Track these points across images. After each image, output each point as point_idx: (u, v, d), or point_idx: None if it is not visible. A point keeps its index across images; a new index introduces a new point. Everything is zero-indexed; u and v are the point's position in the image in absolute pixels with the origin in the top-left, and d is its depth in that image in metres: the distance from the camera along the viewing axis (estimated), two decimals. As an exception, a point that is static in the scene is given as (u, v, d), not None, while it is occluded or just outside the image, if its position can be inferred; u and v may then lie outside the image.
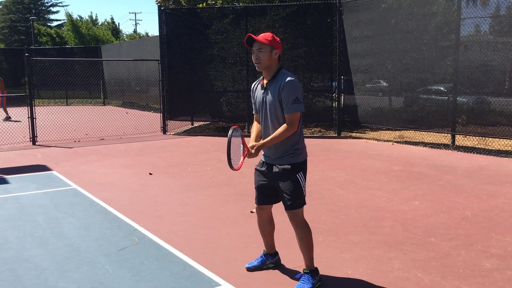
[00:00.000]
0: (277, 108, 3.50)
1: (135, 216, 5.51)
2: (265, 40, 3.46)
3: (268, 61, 3.49)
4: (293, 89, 3.43)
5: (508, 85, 9.46)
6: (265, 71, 3.55)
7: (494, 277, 3.72)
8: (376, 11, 11.60)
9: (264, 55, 3.47)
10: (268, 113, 3.56)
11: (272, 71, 3.55)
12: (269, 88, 3.55)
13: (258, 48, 3.48)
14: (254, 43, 3.51)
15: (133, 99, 22.98)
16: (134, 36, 48.68)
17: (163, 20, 13.44)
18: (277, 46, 3.51)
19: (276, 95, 3.48)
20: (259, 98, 3.65)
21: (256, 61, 3.51)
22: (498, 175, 7.40)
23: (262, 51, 3.47)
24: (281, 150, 3.56)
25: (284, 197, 3.55)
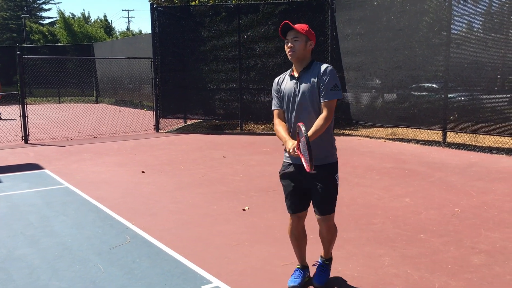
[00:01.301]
0: (315, 95, 3.30)
1: (128, 214, 5.52)
2: (301, 30, 3.31)
3: (302, 51, 3.32)
4: (334, 76, 3.30)
5: (499, 82, 9.53)
6: (297, 62, 3.37)
7: (482, 273, 3.77)
8: (368, 9, 11.64)
9: (299, 45, 3.30)
10: (302, 102, 3.33)
11: (305, 62, 3.38)
12: (304, 76, 3.35)
13: (294, 37, 3.31)
14: (289, 31, 3.35)
15: (126, 97, 22.92)
16: (127, 33, 48.49)
17: (155, 17, 13.42)
18: (312, 38, 3.37)
19: (315, 80, 3.29)
20: (289, 89, 3.41)
21: (290, 50, 3.33)
22: (489, 171, 7.47)
23: (298, 40, 3.31)
24: (322, 148, 3.35)
25: (322, 201, 3.35)
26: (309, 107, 3.32)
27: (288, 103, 3.42)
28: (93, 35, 37.26)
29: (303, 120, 3.26)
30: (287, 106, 3.43)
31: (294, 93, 3.37)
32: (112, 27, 48.72)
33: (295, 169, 3.41)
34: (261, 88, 13.30)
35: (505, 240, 4.48)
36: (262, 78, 13.11)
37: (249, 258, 4.20)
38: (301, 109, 3.34)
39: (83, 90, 25.83)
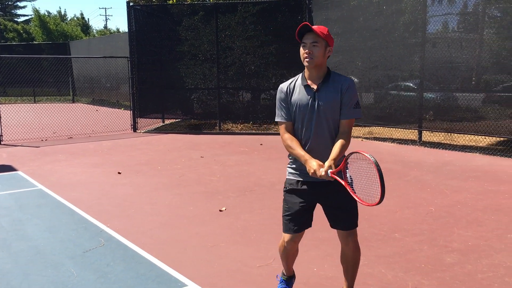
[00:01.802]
0: (336, 113, 2.98)
1: (103, 216, 5.44)
2: (321, 33, 2.92)
3: (322, 58, 2.95)
4: (356, 92, 3.02)
5: (474, 81, 9.70)
6: (314, 70, 2.99)
7: (455, 272, 3.83)
8: (345, 9, 11.72)
9: (319, 51, 2.92)
10: (322, 121, 2.97)
11: (323, 71, 3.01)
12: (324, 90, 2.98)
13: (313, 41, 2.92)
14: (306, 34, 2.96)
15: (103, 96, 22.64)
16: (104, 32, 47.88)
17: (132, 16, 13.28)
18: (331, 43, 3.00)
19: (337, 97, 2.96)
20: (304, 102, 3.00)
21: (308, 56, 2.93)
22: (462, 170, 7.59)
23: (317, 45, 2.92)
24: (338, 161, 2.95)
25: (347, 215, 3.08)
26: (330, 126, 3.00)
27: (302, 118, 3.02)
28: (69, 33, 36.72)
29: (326, 135, 2.99)
30: (300, 121, 3.04)
31: (312, 108, 2.98)
32: (89, 26, 48.04)
33: (308, 188, 3.05)
34: (239, 88, 13.29)
35: (477, 238, 4.56)
36: (240, 78, 13.09)
37: (225, 259, 4.18)
38: (320, 128, 2.99)
39: (59, 89, 25.41)
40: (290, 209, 3.09)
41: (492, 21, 9.50)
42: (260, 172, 7.73)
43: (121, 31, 46.84)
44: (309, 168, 2.84)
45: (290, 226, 3.09)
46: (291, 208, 3.08)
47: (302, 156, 2.92)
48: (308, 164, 2.86)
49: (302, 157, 2.92)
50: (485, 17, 9.62)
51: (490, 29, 9.54)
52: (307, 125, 3.01)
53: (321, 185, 2.99)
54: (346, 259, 3.22)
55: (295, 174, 3.12)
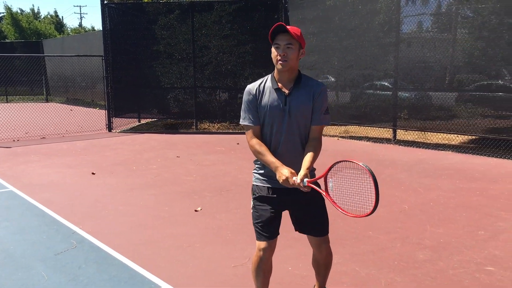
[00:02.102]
0: (308, 119, 2.86)
1: (75, 218, 5.35)
2: (295, 35, 2.78)
3: (295, 60, 2.82)
4: (327, 97, 2.92)
5: (447, 80, 9.86)
6: (286, 73, 2.84)
7: (427, 268, 3.88)
8: (321, 9, 11.78)
9: (293, 53, 2.78)
10: (293, 125, 2.85)
11: (295, 74, 2.88)
12: (296, 93, 2.84)
13: (288, 43, 2.77)
14: (281, 35, 2.81)
15: (77, 95, 22.29)
16: (79, 30, 47.14)
17: (106, 14, 13.10)
18: (304, 45, 2.87)
19: (309, 101, 2.84)
20: (274, 106, 2.84)
21: (282, 59, 2.78)
22: (435, 168, 7.72)
23: (292, 47, 2.78)
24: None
25: (320, 221, 3.01)
26: (301, 132, 2.88)
27: (272, 123, 2.87)
28: (42, 31, 36.05)
29: (297, 141, 2.87)
30: (269, 126, 2.89)
31: (283, 113, 2.84)
32: (63, 24, 47.26)
33: (278, 195, 2.92)
34: (216, 87, 13.24)
35: (449, 235, 4.64)
36: (217, 77, 13.04)
37: (200, 260, 4.16)
38: (291, 133, 2.86)
39: (33, 88, 24.91)
40: (262, 217, 2.92)
41: (464, 21, 9.68)
42: (237, 171, 7.71)
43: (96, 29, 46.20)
44: (280, 175, 2.69)
45: (263, 233, 2.91)
46: (262, 216, 2.92)
47: (273, 163, 2.76)
48: (279, 171, 2.71)
49: (273, 164, 2.75)
50: (458, 17, 9.79)
51: (463, 29, 9.72)
52: (277, 130, 2.86)
53: (291, 192, 2.83)
54: (318, 263, 3.17)
55: (263, 180, 2.97)
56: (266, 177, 2.95)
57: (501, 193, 6.12)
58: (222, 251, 4.36)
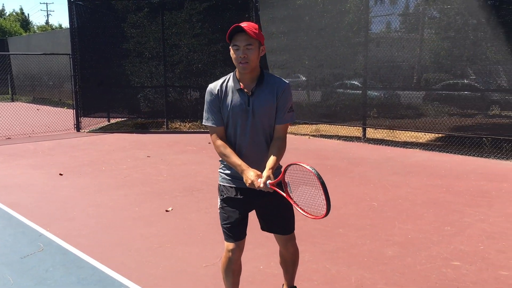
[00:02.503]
0: (272, 119, 2.80)
1: (42, 220, 5.23)
2: (254, 34, 2.65)
3: (256, 60, 2.72)
4: (291, 95, 2.85)
5: (414, 80, 10.07)
6: (249, 73, 2.75)
7: (395, 264, 3.95)
8: (292, 8, 11.85)
9: (254, 54, 2.68)
10: (257, 125, 2.77)
11: (257, 73, 2.78)
12: (259, 93, 2.76)
13: (247, 44, 2.66)
14: (238, 35, 2.67)
15: (44, 94, 21.79)
16: (46, 28, 46.08)
17: (73, 12, 12.84)
18: (263, 41, 2.76)
19: (273, 100, 2.77)
20: (237, 107, 2.76)
21: (243, 61, 2.67)
22: (404, 165, 7.87)
23: (251, 48, 2.67)
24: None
25: (284, 221, 2.98)
26: (265, 132, 2.82)
27: (235, 124, 2.80)
28: (7, 29, 35.07)
29: (262, 142, 2.81)
30: (233, 127, 2.81)
31: (247, 114, 2.76)
32: (29, 21, 46.09)
33: (245, 196, 2.86)
34: (187, 86, 13.15)
35: (416, 231, 4.73)
36: (188, 76, 12.97)
37: (171, 260, 4.13)
38: (256, 134, 2.79)
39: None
40: (229, 218, 2.86)
41: (431, 22, 9.90)
42: (208, 171, 7.68)
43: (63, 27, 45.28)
44: (246, 179, 2.64)
45: (231, 234, 2.87)
46: (230, 217, 2.86)
47: (239, 166, 2.71)
48: (245, 174, 2.66)
49: (239, 166, 2.71)
50: (425, 17, 10.00)
51: (430, 30, 9.94)
52: (241, 131, 2.79)
53: (258, 193, 2.77)
54: (286, 261, 3.16)
55: (229, 180, 2.91)
56: (233, 178, 2.89)
57: (466, 189, 6.28)
58: (193, 251, 4.34)
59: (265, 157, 2.76)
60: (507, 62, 8.42)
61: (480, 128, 8.98)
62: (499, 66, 8.78)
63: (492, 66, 8.88)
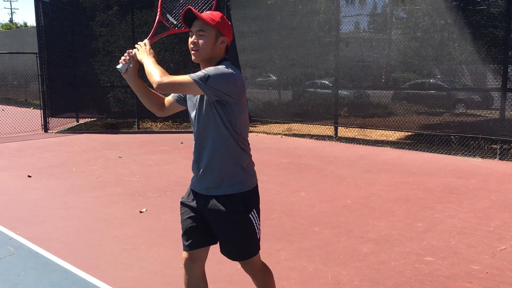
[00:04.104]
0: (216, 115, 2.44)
1: (11, 223, 5.08)
2: (211, 20, 2.44)
3: (209, 50, 2.45)
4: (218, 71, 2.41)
5: (383, 79, 10.25)
6: (203, 64, 2.50)
7: (370, 261, 4.01)
8: (263, 7, 11.88)
9: (205, 41, 2.44)
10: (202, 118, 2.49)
11: (214, 64, 2.49)
12: None
13: (199, 29, 2.45)
14: (195, 22, 2.47)
15: (9, 94, 21.18)
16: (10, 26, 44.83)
17: (40, 10, 12.52)
18: (226, 32, 2.49)
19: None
20: (190, 99, 2.58)
21: (193, 48, 2.47)
22: (375, 163, 7.99)
23: (205, 34, 2.44)
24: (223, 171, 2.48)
25: (231, 246, 2.57)
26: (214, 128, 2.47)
27: (190, 118, 2.60)
28: (-31, 26, 33.94)
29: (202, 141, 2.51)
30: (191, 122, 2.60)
31: (195, 106, 2.54)
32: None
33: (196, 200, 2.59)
34: (158, 85, 12.99)
35: (390, 228, 4.82)
36: (159, 75, 12.81)
37: (147, 262, 4.08)
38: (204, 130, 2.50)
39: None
40: (182, 222, 2.67)
41: (399, 22, 10.09)
42: (181, 171, 7.62)
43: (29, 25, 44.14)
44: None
45: (183, 240, 2.65)
46: (184, 223, 2.65)
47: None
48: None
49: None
50: (393, 18, 10.20)
51: (397, 30, 10.14)
52: (193, 126, 2.57)
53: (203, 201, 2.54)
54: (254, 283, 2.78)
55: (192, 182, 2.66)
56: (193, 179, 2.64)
57: (436, 186, 6.43)
58: (169, 252, 4.29)
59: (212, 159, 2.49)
60: (471, 62, 8.67)
61: (448, 126, 9.22)
62: (463, 66, 9.03)
63: (457, 65, 9.13)
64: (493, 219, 5.02)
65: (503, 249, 4.20)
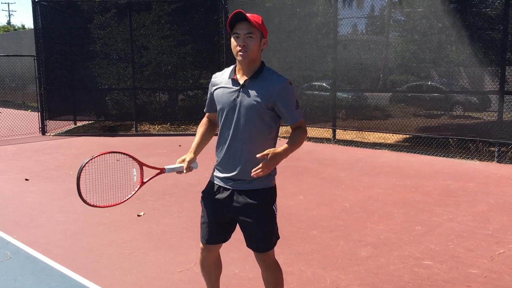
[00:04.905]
0: (262, 115, 2.62)
1: (9, 227, 5.06)
2: (257, 23, 2.56)
3: (257, 51, 2.60)
4: (293, 92, 2.69)
5: (381, 81, 10.26)
6: (247, 64, 2.63)
7: (369, 265, 4.01)
8: (261, 10, 11.87)
9: (254, 43, 2.56)
10: (243, 119, 2.63)
11: (256, 65, 2.65)
12: (251, 86, 2.63)
13: (248, 32, 2.55)
14: (240, 24, 2.56)
15: (7, 97, 21.11)
16: (7, 28, 44.77)
17: (38, 12, 12.50)
18: (266, 34, 2.65)
19: (264, 98, 2.60)
20: (226, 97, 2.68)
21: (242, 49, 2.56)
22: (373, 166, 7.99)
23: (253, 36, 2.56)
24: (255, 167, 2.59)
25: (257, 237, 2.75)
26: (251, 129, 2.64)
27: (222, 115, 2.72)
28: (-34, 29, 33.90)
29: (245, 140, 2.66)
30: (220, 118, 2.73)
31: (237, 104, 2.64)
32: (-10, 21, 44.73)
33: (225, 195, 2.76)
34: (156, 88, 12.99)
35: (388, 231, 4.81)
36: (157, 78, 12.82)
37: (144, 266, 4.06)
38: (238, 129, 2.66)
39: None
40: (205, 217, 2.88)
41: (396, 25, 10.11)
42: (179, 174, 7.58)
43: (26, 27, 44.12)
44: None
45: (202, 234, 2.88)
46: (206, 216, 2.87)
47: (192, 148, 2.93)
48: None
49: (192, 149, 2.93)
50: (391, 21, 10.21)
51: (395, 32, 10.16)
52: (226, 122, 2.70)
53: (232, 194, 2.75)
54: (264, 279, 2.95)
55: (214, 176, 2.88)
56: (215, 171, 2.88)
57: (434, 189, 6.43)
58: (167, 256, 4.28)
59: (244, 154, 2.67)
60: (469, 64, 8.68)
61: (446, 129, 9.23)
62: (461, 68, 9.04)
63: (455, 68, 9.15)
64: (491, 223, 5.02)
65: (501, 253, 4.20)
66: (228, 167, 2.74)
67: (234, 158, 2.70)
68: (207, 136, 2.96)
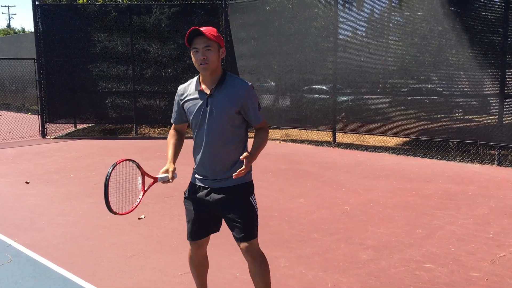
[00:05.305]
0: (231, 119, 2.86)
1: (9, 230, 5.06)
2: (213, 36, 2.77)
3: (217, 62, 2.82)
4: (256, 95, 2.93)
5: (381, 84, 10.27)
6: (210, 74, 2.85)
7: (370, 268, 4.00)
8: (261, 14, 11.90)
9: (213, 55, 2.78)
10: (214, 126, 2.85)
11: (218, 74, 2.87)
12: (218, 95, 2.84)
13: (206, 45, 2.75)
14: (197, 39, 2.77)
15: (7, 100, 21.13)
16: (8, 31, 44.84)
17: (38, 15, 12.52)
18: (223, 44, 2.87)
19: (231, 103, 2.83)
20: (197, 108, 2.88)
21: (202, 62, 2.77)
22: (373, 169, 7.99)
23: (211, 49, 2.77)
24: (229, 166, 2.90)
25: (238, 227, 2.92)
26: (223, 133, 2.86)
27: (195, 124, 2.92)
28: (-33, 32, 33.94)
29: (218, 144, 2.87)
30: (193, 127, 2.94)
31: (207, 112, 2.85)
32: (-10, 24, 44.79)
33: (204, 194, 2.99)
34: (156, 91, 13.00)
35: (389, 234, 4.81)
36: (157, 81, 12.83)
37: (145, 269, 4.06)
38: (212, 135, 2.87)
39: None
40: (188, 217, 3.15)
41: (396, 28, 10.13)
42: (179, 177, 7.53)
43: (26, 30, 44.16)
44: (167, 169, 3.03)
45: (188, 232, 3.13)
46: (190, 216, 3.13)
47: (168, 155, 3.09)
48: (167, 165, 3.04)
49: (168, 156, 3.08)
50: (390, 24, 10.23)
51: (395, 36, 10.18)
52: (199, 131, 2.91)
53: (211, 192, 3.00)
54: (250, 271, 3.03)
55: (195, 178, 3.10)
56: (194, 174, 3.09)
57: (435, 192, 6.43)
58: (168, 259, 4.28)
59: (218, 156, 2.90)
60: (469, 68, 8.69)
61: (446, 132, 9.23)
62: (461, 72, 9.05)
63: (455, 71, 9.16)
64: (492, 226, 5.02)
65: (502, 256, 4.20)
66: (205, 169, 2.97)
67: (209, 161, 2.93)
68: (178, 148, 3.16)
